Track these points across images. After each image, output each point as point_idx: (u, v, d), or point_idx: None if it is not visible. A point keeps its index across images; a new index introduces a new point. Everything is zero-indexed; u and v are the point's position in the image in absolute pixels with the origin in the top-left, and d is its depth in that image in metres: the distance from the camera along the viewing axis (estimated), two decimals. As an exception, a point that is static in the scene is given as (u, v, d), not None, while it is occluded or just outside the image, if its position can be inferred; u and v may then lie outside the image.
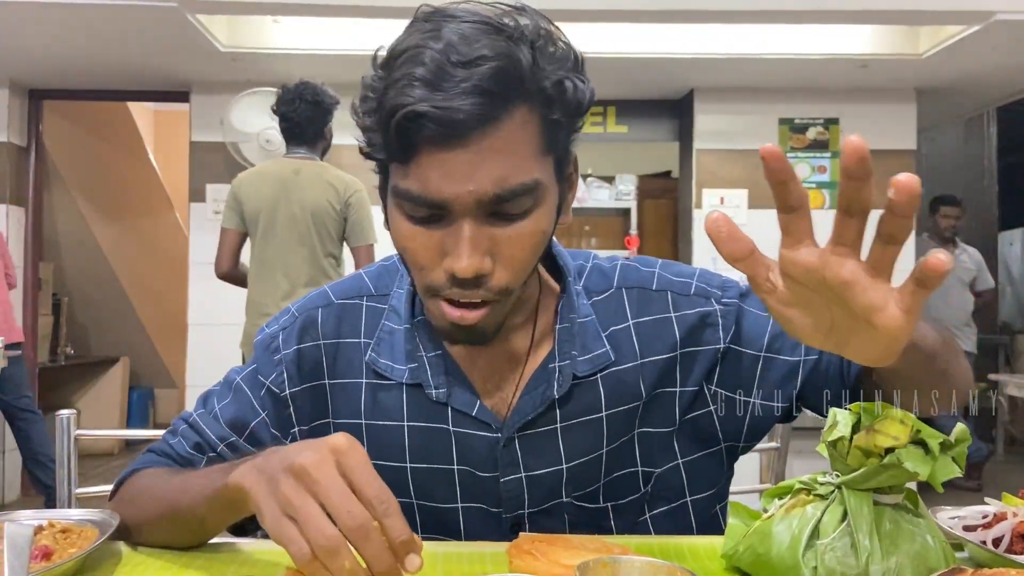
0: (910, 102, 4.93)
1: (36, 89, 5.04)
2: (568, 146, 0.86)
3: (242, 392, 0.99)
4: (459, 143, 0.76)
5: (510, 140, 0.78)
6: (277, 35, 4.36)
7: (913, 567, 0.69)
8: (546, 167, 0.82)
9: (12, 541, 0.64)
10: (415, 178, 0.78)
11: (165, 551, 0.85)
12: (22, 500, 4.88)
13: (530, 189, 0.79)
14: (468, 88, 0.74)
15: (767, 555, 0.74)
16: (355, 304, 0.99)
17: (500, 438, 0.92)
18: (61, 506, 1.26)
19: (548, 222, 0.84)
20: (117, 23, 3.86)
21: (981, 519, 0.83)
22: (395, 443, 0.94)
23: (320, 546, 0.62)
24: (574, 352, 0.93)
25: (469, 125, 0.75)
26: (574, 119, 0.84)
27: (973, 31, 3.85)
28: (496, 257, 0.81)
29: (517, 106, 0.78)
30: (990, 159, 7.00)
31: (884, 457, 0.68)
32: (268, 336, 1.00)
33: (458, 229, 0.79)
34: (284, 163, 3.19)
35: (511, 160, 0.78)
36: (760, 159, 0.56)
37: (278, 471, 0.66)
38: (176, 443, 0.98)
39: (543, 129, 0.80)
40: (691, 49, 4.35)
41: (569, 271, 0.96)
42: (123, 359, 6.41)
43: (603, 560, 0.67)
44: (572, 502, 0.94)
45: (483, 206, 0.78)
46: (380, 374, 0.95)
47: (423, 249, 0.81)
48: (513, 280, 0.82)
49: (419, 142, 0.76)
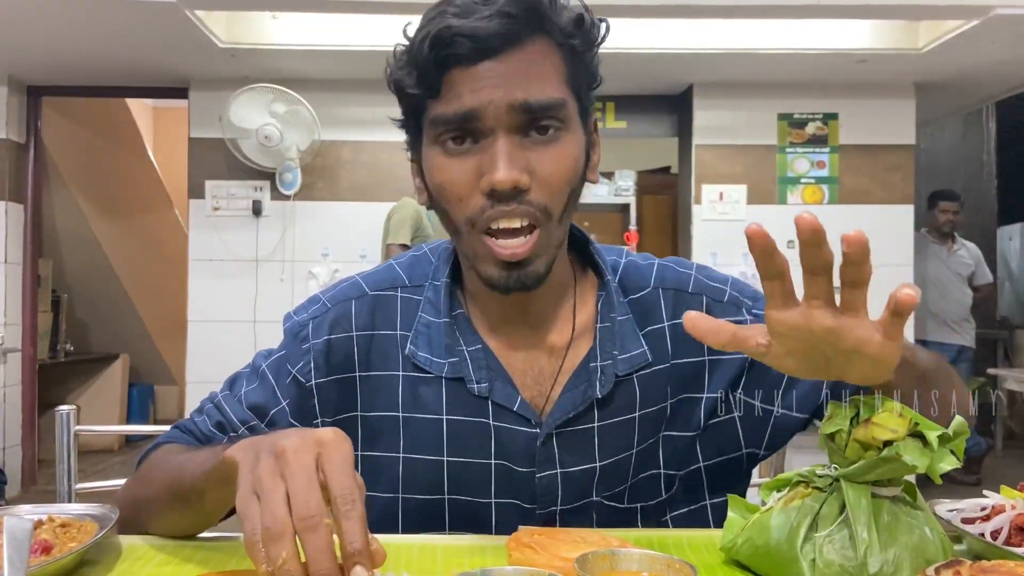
0: (909, 97, 4.92)
1: (35, 86, 5.03)
2: (589, 95, 0.92)
3: (267, 379, 0.98)
4: (487, 59, 0.82)
5: (534, 62, 0.84)
6: (276, 31, 4.35)
7: (911, 559, 0.69)
8: (571, 100, 0.87)
9: (12, 535, 0.64)
10: (447, 100, 0.84)
11: (165, 545, 0.85)
12: (23, 495, 4.88)
13: (558, 105, 0.85)
14: (493, 12, 0.82)
15: (765, 547, 0.74)
16: (390, 295, 0.99)
17: (539, 434, 0.92)
18: (61, 502, 1.26)
19: (578, 153, 0.88)
20: (116, 19, 3.85)
21: (979, 512, 0.83)
22: (433, 436, 0.94)
23: (266, 528, 0.60)
24: (615, 352, 0.94)
25: (496, 41, 0.82)
26: (589, 58, 0.90)
27: (972, 26, 3.84)
28: (532, 175, 0.84)
29: (539, 34, 0.85)
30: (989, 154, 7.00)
31: (882, 450, 0.68)
32: (297, 324, 0.99)
33: (492, 143, 0.83)
34: None
35: (538, 77, 0.84)
36: (745, 237, 0.64)
37: (264, 450, 0.66)
38: (200, 421, 0.99)
39: (565, 60, 0.87)
40: (690, 44, 4.34)
41: (607, 268, 0.98)
42: (123, 356, 6.41)
43: (602, 553, 0.67)
44: (602, 501, 0.95)
45: (515, 115, 0.83)
46: (419, 367, 0.95)
47: (460, 175, 0.85)
48: (551, 200, 0.85)
49: (450, 61, 0.83)
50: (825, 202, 4.93)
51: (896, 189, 4.96)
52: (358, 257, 4.85)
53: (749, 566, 0.77)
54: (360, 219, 4.89)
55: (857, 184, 4.95)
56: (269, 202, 4.91)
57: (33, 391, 5.13)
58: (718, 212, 4.95)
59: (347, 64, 4.54)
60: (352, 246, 4.89)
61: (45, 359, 5.54)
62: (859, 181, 4.95)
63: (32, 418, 5.11)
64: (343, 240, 4.89)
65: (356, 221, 4.90)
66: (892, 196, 4.94)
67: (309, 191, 4.91)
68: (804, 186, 4.95)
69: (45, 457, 5.25)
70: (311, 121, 4.68)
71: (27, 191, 5.05)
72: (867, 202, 4.93)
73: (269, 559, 0.60)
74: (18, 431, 4.97)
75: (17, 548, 0.64)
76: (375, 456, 0.96)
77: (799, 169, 4.95)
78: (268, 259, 4.90)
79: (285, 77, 4.70)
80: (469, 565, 0.78)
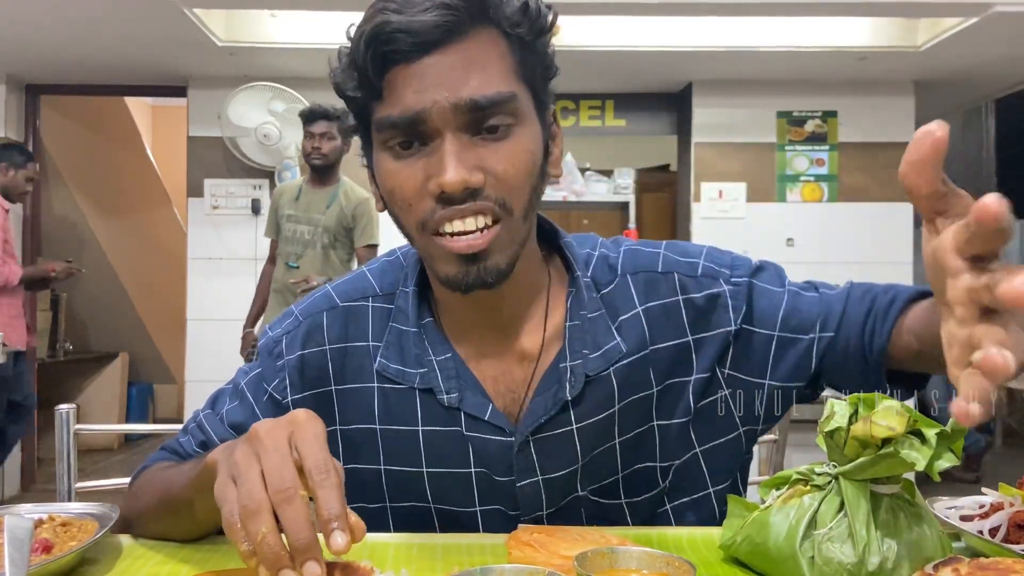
0: (908, 95, 4.92)
1: (33, 84, 5.03)
2: (545, 85, 0.87)
3: (246, 397, 0.97)
4: (428, 54, 0.78)
5: (480, 54, 0.80)
6: (274, 29, 4.35)
7: (910, 557, 0.69)
8: (523, 93, 0.83)
9: (12, 534, 0.64)
10: (391, 101, 0.80)
11: (165, 545, 0.85)
12: (22, 494, 4.88)
13: (508, 99, 0.80)
14: (432, 5, 0.77)
15: (765, 545, 0.74)
16: (360, 306, 0.96)
17: (514, 442, 0.90)
18: (61, 501, 1.26)
19: (535, 146, 0.84)
20: (115, 18, 3.85)
21: (978, 509, 0.83)
22: (410, 447, 0.92)
23: (243, 506, 0.60)
24: (585, 351, 0.90)
25: (436, 34, 0.78)
26: (539, 46, 0.85)
27: (971, 23, 3.84)
28: (486, 173, 0.80)
29: (483, 25, 0.80)
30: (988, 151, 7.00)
31: (881, 447, 0.68)
32: (271, 340, 0.98)
33: (440, 146, 0.79)
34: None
35: (484, 71, 0.80)
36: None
37: (239, 441, 0.66)
38: (185, 441, 0.98)
39: (512, 51, 0.82)
40: (689, 42, 4.34)
41: (577, 263, 0.94)
42: (122, 354, 6.40)
43: (601, 551, 0.67)
44: (588, 496, 0.93)
45: (461, 114, 0.78)
46: (391, 379, 0.93)
47: (408, 180, 0.81)
48: (509, 195, 0.81)
49: (390, 59, 0.79)
50: (824, 200, 4.94)
51: (895, 187, 4.95)
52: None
53: (748, 564, 0.77)
54: (359, 217, 4.88)
55: (856, 182, 4.95)
56: (268, 200, 4.90)
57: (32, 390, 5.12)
58: (717, 210, 4.95)
59: (346, 62, 4.53)
60: (351, 244, 4.88)
61: (44, 358, 5.54)
62: (858, 179, 4.95)
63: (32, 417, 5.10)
64: (342, 238, 4.89)
65: (355, 219, 4.89)
66: (891, 194, 4.94)
67: (308, 189, 4.90)
68: (803, 184, 4.95)
69: (44, 456, 5.25)
70: (310, 119, 4.68)
71: (26, 190, 5.05)
72: (866, 200, 4.93)
73: (248, 536, 0.60)
74: (18, 430, 4.97)
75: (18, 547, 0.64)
76: (358, 468, 0.95)
77: (798, 167, 4.95)
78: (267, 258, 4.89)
79: (284, 75, 4.70)
80: (469, 563, 0.78)
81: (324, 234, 3.63)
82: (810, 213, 4.93)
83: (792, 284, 0.95)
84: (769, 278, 0.95)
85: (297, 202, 3.70)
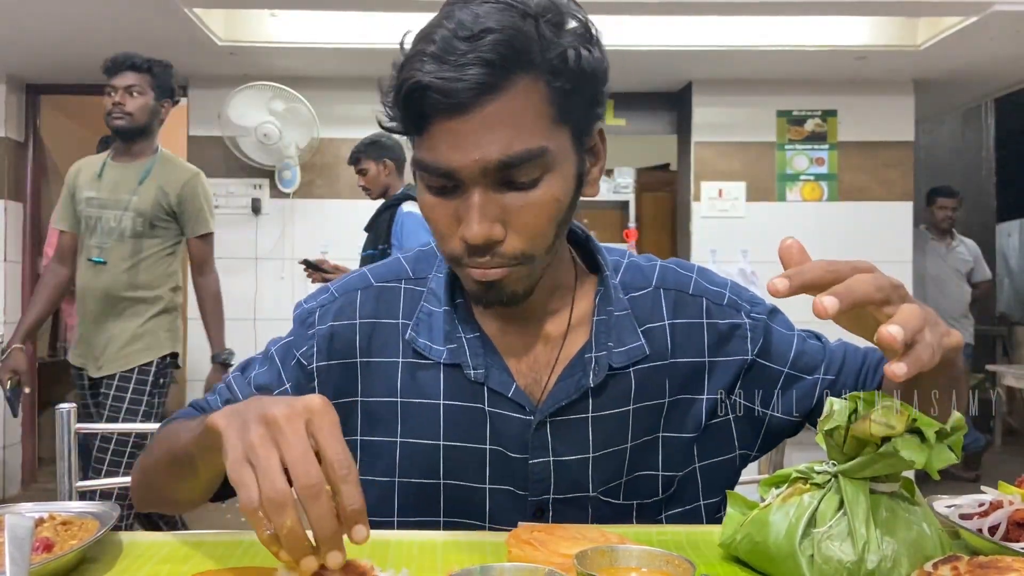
0: (908, 94, 4.92)
1: (33, 84, 5.03)
2: (589, 117, 0.89)
3: (274, 362, 1.02)
4: (463, 112, 0.80)
5: (514, 109, 0.81)
6: (274, 29, 4.35)
7: (909, 555, 0.69)
8: (558, 136, 0.85)
9: (13, 533, 0.65)
10: (427, 149, 0.84)
11: (165, 543, 0.85)
12: (23, 493, 4.89)
13: (536, 155, 0.83)
14: (471, 60, 0.79)
15: (764, 544, 0.74)
16: (394, 287, 1.02)
17: (533, 421, 0.94)
18: (62, 500, 1.26)
19: (563, 191, 0.87)
20: (115, 17, 3.85)
21: (977, 507, 0.83)
22: (430, 421, 0.96)
23: (269, 498, 0.62)
24: (610, 344, 0.96)
25: (471, 95, 0.79)
26: (585, 88, 0.86)
27: (971, 22, 3.85)
28: (508, 225, 0.85)
29: (520, 76, 0.81)
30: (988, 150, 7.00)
31: (880, 446, 0.68)
32: (306, 311, 1.03)
33: (469, 197, 0.84)
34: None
35: (516, 127, 0.82)
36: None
37: (251, 417, 0.67)
38: (212, 399, 1.03)
39: (552, 99, 0.84)
40: (689, 41, 4.34)
41: (607, 265, 1.00)
42: (122, 354, 6.40)
43: (601, 549, 0.68)
44: (598, 496, 0.96)
45: (490, 174, 0.82)
46: (419, 353, 0.97)
47: (442, 218, 0.87)
48: (529, 246, 0.86)
49: (428, 113, 0.82)
50: (824, 199, 4.94)
51: (895, 186, 4.96)
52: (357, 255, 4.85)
53: (748, 562, 0.78)
54: (359, 217, 4.88)
55: (856, 181, 4.95)
56: (268, 200, 4.91)
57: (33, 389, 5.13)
58: (717, 209, 4.95)
59: (346, 62, 4.54)
60: (351, 243, 4.87)
61: (45, 357, 5.54)
62: (858, 178, 4.95)
63: (32, 416, 5.11)
64: (342, 237, 4.88)
65: (355, 219, 4.87)
66: (891, 193, 4.94)
67: (308, 189, 4.91)
68: (803, 183, 4.95)
69: (45, 455, 5.25)
70: (310, 119, 4.68)
71: (26, 189, 5.06)
72: (866, 199, 4.93)
73: (274, 525, 0.62)
74: (18, 429, 4.97)
75: (19, 546, 0.64)
76: (373, 441, 0.99)
77: (798, 166, 4.95)
78: (267, 257, 4.90)
79: (284, 75, 4.70)
80: (469, 562, 0.78)
81: (136, 219, 2.90)
82: (810, 212, 4.93)
83: (799, 331, 1.05)
84: (783, 322, 1.04)
85: (100, 180, 2.94)
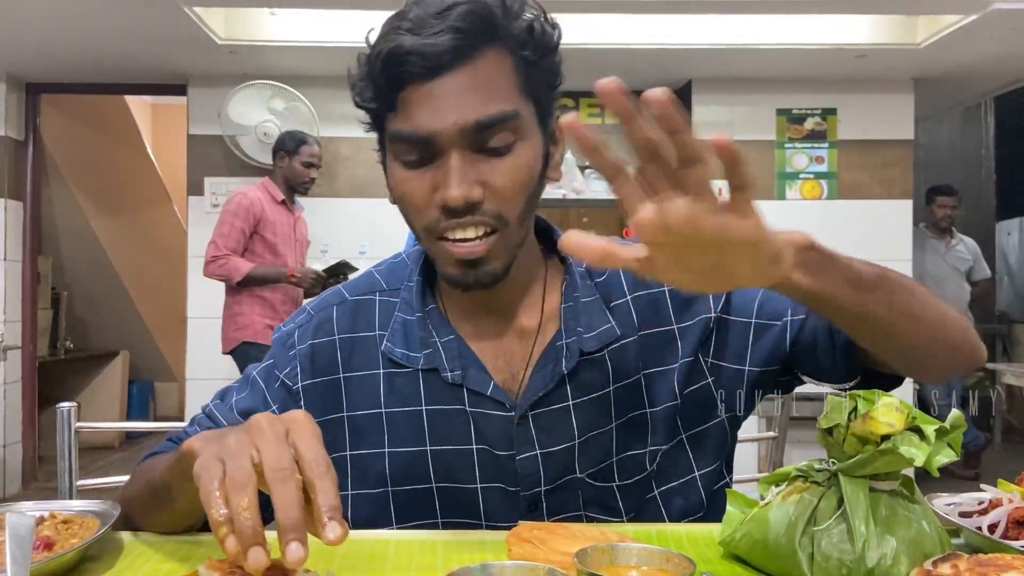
0: (908, 92, 4.92)
1: (33, 83, 5.03)
2: (550, 98, 0.93)
3: (257, 385, 1.03)
4: (439, 76, 0.85)
5: (487, 75, 0.86)
6: (274, 27, 4.35)
7: (909, 553, 0.69)
8: (526, 108, 0.89)
9: (14, 532, 0.65)
10: (403, 117, 0.87)
11: (166, 542, 0.85)
12: (24, 492, 4.89)
13: (510, 118, 0.87)
14: (444, 28, 0.84)
15: (764, 541, 0.74)
16: (368, 299, 1.03)
17: (514, 416, 0.95)
18: (62, 498, 1.26)
19: (534, 160, 0.90)
20: (114, 16, 3.85)
21: (977, 505, 0.83)
22: (415, 428, 0.97)
23: (231, 476, 0.61)
24: (580, 329, 0.97)
25: (447, 58, 0.84)
26: (545, 63, 0.91)
27: (971, 20, 3.84)
28: (486, 188, 0.87)
29: (491, 46, 0.87)
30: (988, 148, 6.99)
31: (880, 444, 0.68)
32: (285, 334, 1.04)
33: (446, 162, 0.86)
34: None
35: (488, 91, 0.86)
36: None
37: (230, 432, 0.68)
38: (191, 430, 1.01)
39: (518, 69, 0.89)
40: (688, 40, 4.34)
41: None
42: (123, 352, 6.41)
43: (601, 548, 0.68)
44: (584, 479, 0.97)
45: (467, 135, 0.85)
46: (396, 363, 0.98)
47: (417, 189, 0.89)
48: (505, 208, 0.89)
49: (404, 79, 0.86)
50: (824, 197, 4.93)
51: (895, 184, 4.96)
52: (357, 253, 4.84)
53: (748, 560, 0.78)
54: (359, 215, 4.89)
55: (856, 179, 4.95)
56: (268, 199, 4.90)
57: (33, 388, 5.14)
58: (717, 208, 4.94)
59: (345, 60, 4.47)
60: (351, 242, 4.88)
61: (45, 356, 5.55)
62: (858, 176, 4.95)
63: (32, 415, 5.11)
64: (342, 236, 4.88)
65: (355, 217, 4.90)
66: (891, 191, 4.94)
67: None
68: (803, 181, 4.95)
69: (45, 454, 5.26)
70: (310, 117, 4.68)
71: (26, 188, 5.05)
72: (866, 197, 4.93)
73: (229, 506, 0.60)
74: (18, 428, 4.98)
75: (20, 544, 0.64)
76: (362, 454, 0.99)
77: (798, 164, 4.95)
78: (267, 256, 4.89)
79: (284, 73, 4.70)
80: (469, 561, 0.78)
81: None
82: (810, 210, 4.93)
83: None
84: None
85: None
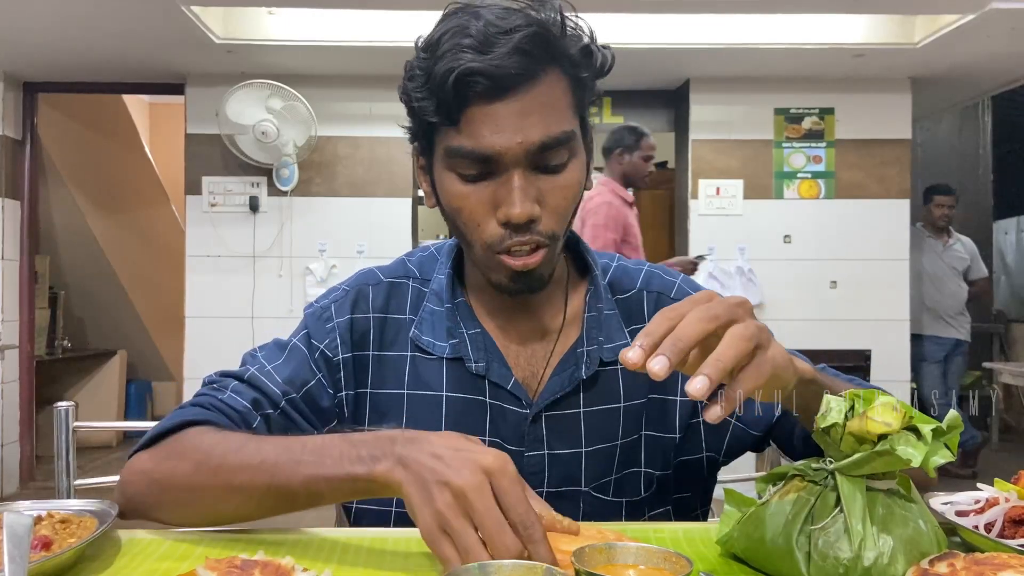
0: (905, 91, 4.93)
1: (31, 82, 5.03)
2: (588, 113, 0.97)
3: (297, 351, 1.02)
4: (505, 98, 0.87)
5: (549, 95, 0.89)
6: (272, 26, 4.35)
7: (906, 552, 0.69)
8: (577, 126, 0.93)
9: (12, 531, 0.65)
10: (467, 134, 0.88)
11: (164, 541, 0.85)
12: (21, 491, 4.89)
13: (569, 138, 0.90)
14: (511, 49, 0.85)
15: (761, 540, 0.74)
16: (402, 283, 1.07)
17: (528, 414, 0.98)
18: (60, 498, 1.26)
19: (582, 176, 0.94)
20: (112, 15, 3.84)
21: (973, 504, 0.83)
22: (433, 412, 1.00)
23: (464, 550, 0.66)
24: (600, 339, 1.00)
25: (514, 80, 0.86)
26: (595, 80, 0.95)
27: (968, 20, 3.85)
28: (542, 205, 0.90)
29: (552, 67, 0.89)
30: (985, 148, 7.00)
31: (877, 443, 0.68)
32: (320, 308, 1.05)
33: (508, 180, 0.89)
34: None
35: (550, 113, 0.89)
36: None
37: (433, 482, 0.70)
38: (228, 398, 0.96)
39: (572, 89, 0.92)
40: (687, 39, 4.34)
41: (597, 267, 1.05)
42: (120, 352, 6.40)
43: (599, 546, 0.68)
44: (590, 492, 0.99)
45: (530, 156, 0.88)
46: (422, 349, 1.02)
47: (477, 205, 0.91)
48: (557, 226, 0.93)
49: (471, 98, 0.87)
50: (822, 197, 4.94)
51: (892, 184, 4.96)
52: (355, 252, 4.85)
53: (745, 559, 0.78)
54: (357, 215, 4.90)
55: (853, 179, 4.95)
56: (266, 198, 4.91)
57: (31, 388, 5.13)
58: (715, 207, 4.95)
59: (344, 60, 4.54)
60: (349, 242, 4.89)
61: (43, 355, 5.54)
62: (855, 176, 4.95)
63: (30, 415, 5.11)
64: (340, 236, 4.89)
65: (353, 217, 4.90)
66: (888, 190, 4.95)
67: (306, 187, 4.91)
68: (800, 181, 4.95)
69: (43, 454, 5.25)
70: (308, 117, 4.68)
71: (23, 187, 5.05)
72: (863, 196, 4.94)
73: None
74: (16, 428, 4.98)
75: (17, 544, 0.64)
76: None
77: (796, 164, 4.96)
78: (265, 255, 4.90)
79: (282, 73, 4.69)
80: (467, 559, 0.78)
81: None
82: (807, 210, 4.93)
83: None
84: None
85: None
